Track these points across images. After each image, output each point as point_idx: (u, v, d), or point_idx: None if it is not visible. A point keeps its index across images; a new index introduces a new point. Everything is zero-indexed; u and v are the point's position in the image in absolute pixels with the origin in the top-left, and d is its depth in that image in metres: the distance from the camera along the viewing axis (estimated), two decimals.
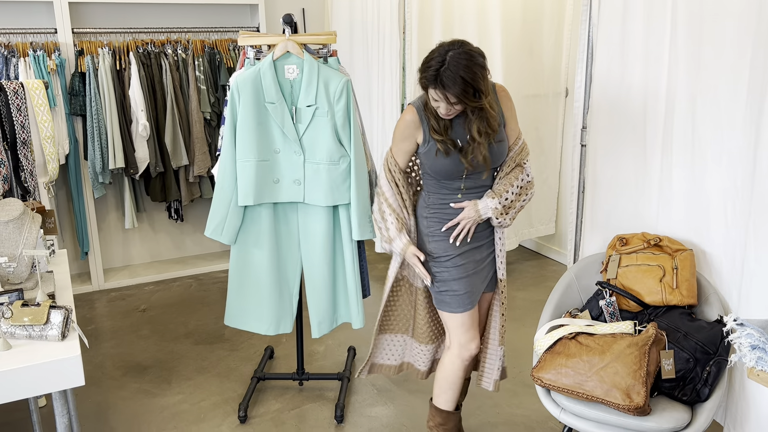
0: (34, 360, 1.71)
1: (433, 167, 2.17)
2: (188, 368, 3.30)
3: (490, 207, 2.20)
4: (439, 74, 1.95)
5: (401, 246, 2.24)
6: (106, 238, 4.58)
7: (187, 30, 4.40)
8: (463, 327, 2.28)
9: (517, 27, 4.18)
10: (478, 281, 2.30)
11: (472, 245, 2.26)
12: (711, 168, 2.32)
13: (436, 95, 2.01)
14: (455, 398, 2.39)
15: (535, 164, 4.53)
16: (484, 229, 2.28)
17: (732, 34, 2.17)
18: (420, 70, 2.03)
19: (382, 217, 2.27)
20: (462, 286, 2.24)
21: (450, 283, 2.25)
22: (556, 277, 4.26)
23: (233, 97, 2.53)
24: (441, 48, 1.99)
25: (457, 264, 2.24)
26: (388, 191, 2.25)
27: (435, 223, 2.25)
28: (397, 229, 2.23)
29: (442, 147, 2.12)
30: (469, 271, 2.25)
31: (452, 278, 2.24)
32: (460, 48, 1.97)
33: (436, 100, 2.03)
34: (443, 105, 2.03)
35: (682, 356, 2.11)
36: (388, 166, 2.24)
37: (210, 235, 2.66)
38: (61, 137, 3.98)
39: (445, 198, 2.23)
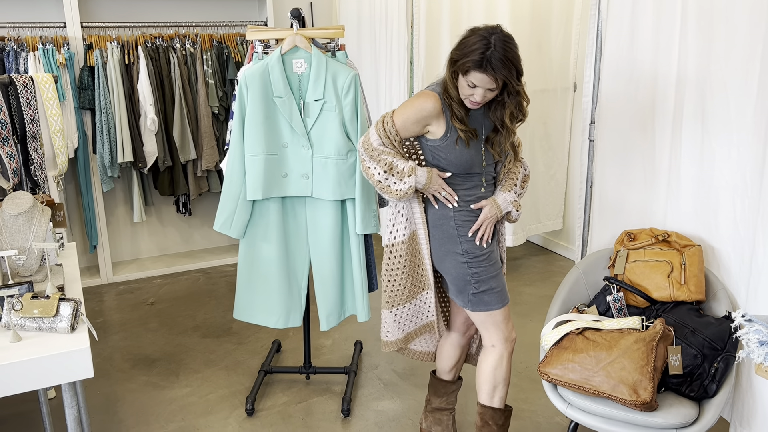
0: (43, 352, 1.72)
1: (457, 159, 2.11)
2: (196, 361, 3.32)
3: (509, 201, 2.19)
4: (486, 57, 1.91)
5: (425, 173, 2.08)
6: (114, 231, 4.60)
7: (196, 24, 4.41)
8: (505, 320, 2.22)
9: (526, 21, 4.16)
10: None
11: (494, 240, 2.25)
12: (720, 163, 2.30)
13: (476, 81, 1.95)
14: (506, 394, 2.32)
15: (543, 159, 4.52)
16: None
17: (743, 28, 2.15)
18: (458, 56, 1.96)
19: (386, 166, 2.10)
20: (498, 282, 2.20)
21: (489, 282, 2.17)
22: (564, 272, 4.25)
23: (241, 91, 2.53)
24: (480, 32, 1.95)
25: (492, 261, 2.19)
26: (382, 147, 2.12)
27: (462, 223, 2.17)
28: (407, 162, 2.10)
29: (464, 136, 2.07)
30: (498, 266, 2.23)
31: (490, 276, 2.17)
32: (501, 31, 1.96)
33: (472, 86, 1.97)
34: (480, 91, 1.97)
35: (690, 352, 2.11)
36: (386, 130, 2.11)
37: (219, 229, 2.67)
38: (70, 131, 4.00)
39: (468, 192, 2.18)
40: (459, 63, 1.97)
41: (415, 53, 4.03)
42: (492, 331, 2.23)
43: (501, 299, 2.19)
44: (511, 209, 2.20)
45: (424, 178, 2.09)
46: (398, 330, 2.36)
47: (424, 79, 4.03)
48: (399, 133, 2.11)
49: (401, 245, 2.23)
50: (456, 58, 1.99)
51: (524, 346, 3.38)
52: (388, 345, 2.39)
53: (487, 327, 2.23)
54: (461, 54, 1.96)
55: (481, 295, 2.17)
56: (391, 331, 2.36)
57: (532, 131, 4.38)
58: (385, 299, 2.31)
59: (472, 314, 2.23)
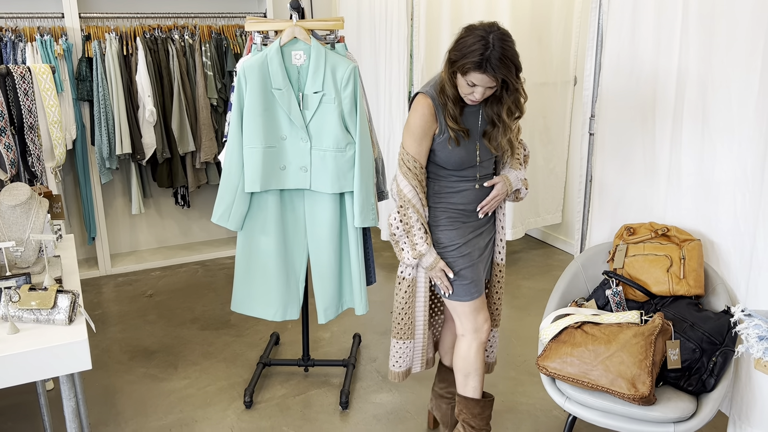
0: (41, 344, 1.72)
1: (450, 158, 2.12)
2: (194, 353, 3.32)
3: (520, 178, 2.26)
4: (485, 57, 1.91)
5: (431, 260, 2.18)
6: (113, 223, 4.60)
7: (194, 15, 4.39)
8: (474, 312, 2.26)
9: (527, 14, 4.15)
10: (482, 268, 2.29)
11: (476, 232, 2.25)
12: (721, 158, 2.30)
13: (476, 81, 1.95)
14: (482, 384, 2.34)
15: (543, 153, 4.51)
16: (479, 221, 2.26)
17: (745, 22, 2.14)
18: (456, 57, 1.95)
19: (406, 230, 2.16)
20: (469, 274, 2.23)
21: (459, 272, 2.23)
22: (563, 266, 4.25)
23: (240, 83, 2.52)
24: (477, 31, 1.93)
25: (463, 253, 2.22)
26: (411, 194, 2.13)
27: (441, 212, 2.21)
28: (427, 243, 2.16)
29: (454, 135, 2.08)
30: (474, 259, 2.24)
31: (459, 267, 2.22)
32: (498, 29, 1.94)
33: (471, 85, 1.97)
34: (479, 90, 1.98)
35: (689, 346, 2.11)
36: (411, 169, 2.12)
37: (216, 221, 2.66)
38: (68, 122, 3.99)
39: (459, 188, 2.19)
40: (458, 64, 1.96)
41: (414, 46, 4.01)
42: (462, 320, 2.29)
43: (469, 292, 2.23)
44: (520, 186, 2.27)
45: (428, 262, 2.19)
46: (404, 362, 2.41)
47: (423, 71, 4.01)
48: (418, 160, 2.13)
49: (404, 282, 2.30)
50: (455, 59, 1.97)
51: (522, 339, 3.38)
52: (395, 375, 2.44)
53: (457, 315, 2.29)
54: (460, 55, 1.95)
55: (451, 285, 2.24)
56: (398, 361, 2.41)
57: (532, 125, 4.37)
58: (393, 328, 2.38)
59: (444, 300, 2.31)
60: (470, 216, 2.23)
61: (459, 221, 2.21)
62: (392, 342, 2.37)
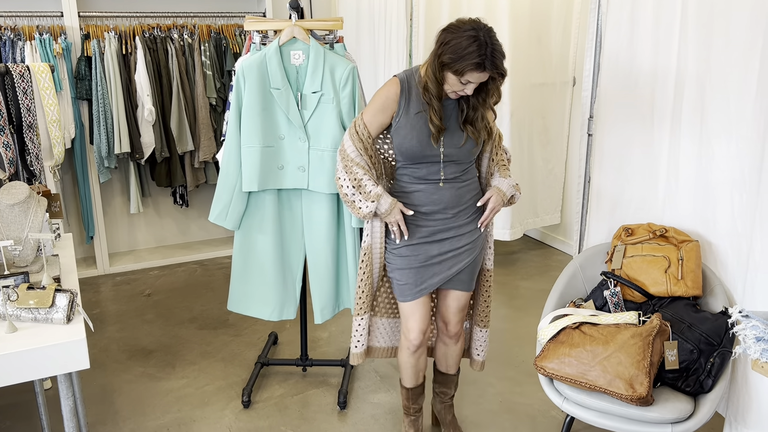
0: (39, 343, 1.72)
1: (401, 145, 2.14)
2: (192, 353, 3.32)
3: (511, 185, 2.24)
4: (485, 57, 1.92)
5: (389, 202, 2.14)
6: (111, 222, 4.59)
7: (194, 15, 4.38)
8: (404, 316, 2.31)
9: (526, 15, 4.15)
10: (428, 275, 2.23)
11: (430, 238, 2.21)
12: (719, 159, 2.30)
13: (472, 79, 1.97)
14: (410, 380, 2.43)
15: (542, 153, 4.51)
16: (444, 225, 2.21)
17: (743, 23, 2.14)
18: (451, 60, 1.95)
19: (355, 182, 2.15)
20: (403, 277, 2.24)
21: (395, 273, 2.26)
22: (561, 266, 4.25)
23: (239, 82, 2.52)
24: (467, 32, 1.94)
25: (402, 255, 2.23)
26: (354, 154, 2.16)
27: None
28: (380, 187, 2.15)
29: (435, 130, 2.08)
30: (413, 264, 2.22)
31: (397, 267, 2.25)
32: (484, 26, 1.97)
33: (464, 83, 1.99)
34: (472, 86, 2.01)
35: (686, 347, 2.11)
36: (358, 133, 2.16)
37: (214, 220, 2.66)
38: (67, 121, 3.98)
39: (413, 188, 2.19)
40: (455, 66, 1.95)
41: (414, 46, 4.01)
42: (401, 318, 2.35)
43: (402, 293, 2.26)
44: (514, 192, 2.25)
45: (384, 207, 2.14)
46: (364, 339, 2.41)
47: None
48: (368, 128, 2.16)
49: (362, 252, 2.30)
50: (449, 62, 1.96)
51: (521, 340, 3.38)
52: (355, 357, 2.43)
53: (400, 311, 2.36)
54: (456, 57, 1.94)
55: (392, 281, 2.31)
56: (360, 340, 2.40)
57: (530, 125, 4.37)
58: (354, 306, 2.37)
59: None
60: (428, 219, 2.19)
61: (412, 224, 2.20)
62: (353, 322, 2.37)
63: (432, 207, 2.18)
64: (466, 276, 2.29)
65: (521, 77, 4.18)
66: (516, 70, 4.11)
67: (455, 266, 2.24)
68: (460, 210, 2.21)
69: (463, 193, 2.20)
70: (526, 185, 4.44)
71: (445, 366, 2.50)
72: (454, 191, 2.18)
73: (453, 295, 2.32)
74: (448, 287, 2.30)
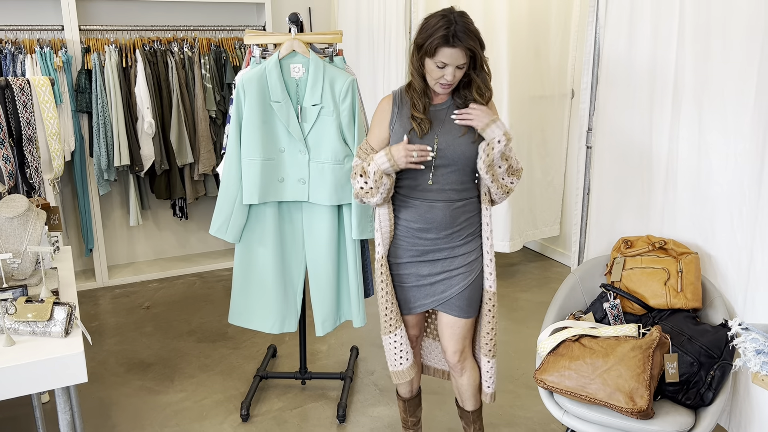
0: (37, 356, 1.71)
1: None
2: (191, 366, 3.31)
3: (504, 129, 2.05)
4: (452, 31, 1.94)
5: (382, 154, 2.03)
6: (110, 235, 4.59)
7: (194, 28, 4.41)
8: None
9: (524, 28, 4.17)
10: (421, 296, 2.21)
11: (422, 257, 2.17)
12: (717, 171, 2.31)
13: (445, 58, 1.97)
14: (405, 387, 2.43)
15: (540, 165, 4.52)
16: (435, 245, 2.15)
17: (740, 37, 2.16)
18: (422, 39, 1.98)
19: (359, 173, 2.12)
20: (397, 293, 2.23)
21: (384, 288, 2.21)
22: (560, 278, 4.25)
23: (239, 95, 2.53)
24: (437, 14, 2.00)
25: (394, 272, 2.21)
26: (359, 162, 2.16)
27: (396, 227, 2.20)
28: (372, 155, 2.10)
29: (417, 126, 2.06)
30: (405, 282, 2.21)
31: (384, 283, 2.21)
32: (456, 9, 2.01)
33: (441, 66, 1.99)
34: (450, 70, 1.98)
35: (687, 360, 2.10)
36: (362, 148, 2.17)
37: (214, 233, 2.66)
38: (67, 134, 3.99)
39: (408, 203, 2.15)
40: (425, 45, 1.98)
41: None
42: None
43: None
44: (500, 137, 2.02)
45: (383, 158, 2.03)
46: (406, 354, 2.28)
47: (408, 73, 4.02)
48: (369, 143, 2.17)
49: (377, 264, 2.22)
50: (421, 42, 1.99)
51: (520, 352, 3.37)
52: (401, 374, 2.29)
53: None
54: (426, 35, 1.98)
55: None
56: (400, 356, 2.27)
57: (529, 137, 4.38)
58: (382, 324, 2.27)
59: None
60: (420, 237, 2.15)
61: (406, 239, 2.18)
62: (384, 342, 2.26)
63: (424, 225, 2.13)
64: (462, 302, 2.18)
65: (520, 90, 4.20)
66: (514, 82, 4.13)
67: (448, 289, 2.17)
68: (454, 231, 2.14)
69: (458, 214, 2.14)
70: (525, 197, 4.45)
71: (461, 399, 2.40)
72: (448, 211, 2.12)
73: (447, 321, 2.22)
74: (443, 311, 2.21)
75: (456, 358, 2.26)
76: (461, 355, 2.27)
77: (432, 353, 2.50)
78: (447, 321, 2.22)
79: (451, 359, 2.27)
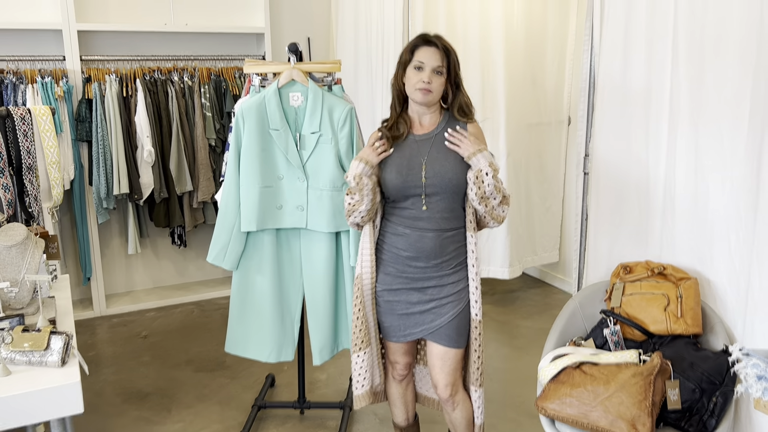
0: (32, 387, 1.70)
1: (384, 178, 2.16)
2: (189, 396, 3.27)
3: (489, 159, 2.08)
4: (427, 34, 2.12)
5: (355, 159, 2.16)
6: (108, 263, 4.58)
7: (194, 58, 4.46)
8: (390, 350, 2.32)
9: (520, 56, 4.22)
10: (410, 324, 2.21)
11: (410, 285, 2.19)
12: (714, 196, 2.31)
13: (422, 57, 2.08)
14: (401, 414, 2.43)
15: (539, 191, 4.54)
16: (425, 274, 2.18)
17: (733, 62, 2.18)
18: (403, 51, 2.15)
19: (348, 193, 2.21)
20: (387, 320, 2.25)
21: (378, 315, 2.26)
22: (560, 305, 4.22)
23: (238, 123, 2.55)
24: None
25: (385, 299, 2.23)
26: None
27: (379, 252, 2.24)
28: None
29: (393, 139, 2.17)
30: (395, 310, 2.22)
31: (378, 310, 2.25)
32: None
33: (419, 68, 2.08)
34: (428, 71, 2.07)
35: (688, 386, 2.09)
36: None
37: (212, 261, 2.65)
38: (67, 163, 4.01)
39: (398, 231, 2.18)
40: (405, 55, 2.12)
41: None
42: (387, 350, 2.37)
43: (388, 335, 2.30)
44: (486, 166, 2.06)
45: (355, 163, 2.16)
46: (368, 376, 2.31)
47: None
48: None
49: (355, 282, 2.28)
50: (401, 55, 2.15)
51: (521, 380, 3.34)
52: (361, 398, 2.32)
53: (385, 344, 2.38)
54: (404, 49, 2.15)
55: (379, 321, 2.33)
56: (360, 380, 2.30)
57: (527, 164, 4.41)
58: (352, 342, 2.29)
59: None
60: (410, 265, 2.17)
61: (395, 266, 2.19)
62: (353, 360, 2.28)
63: (414, 253, 2.16)
64: (452, 331, 2.18)
65: (517, 117, 4.24)
66: (511, 110, 4.16)
67: (438, 318, 2.18)
68: (443, 260, 2.16)
69: (447, 244, 2.16)
70: (524, 223, 4.45)
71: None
72: (438, 240, 2.14)
73: (437, 352, 2.21)
74: (433, 340, 2.21)
75: (447, 392, 2.23)
76: (453, 388, 2.24)
77: (425, 381, 2.48)
78: (437, 352, 2.21)
79: (443, 393, 2.24)
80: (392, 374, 2.36)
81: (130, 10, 4.37)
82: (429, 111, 2.18)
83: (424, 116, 2.19)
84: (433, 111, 2.19)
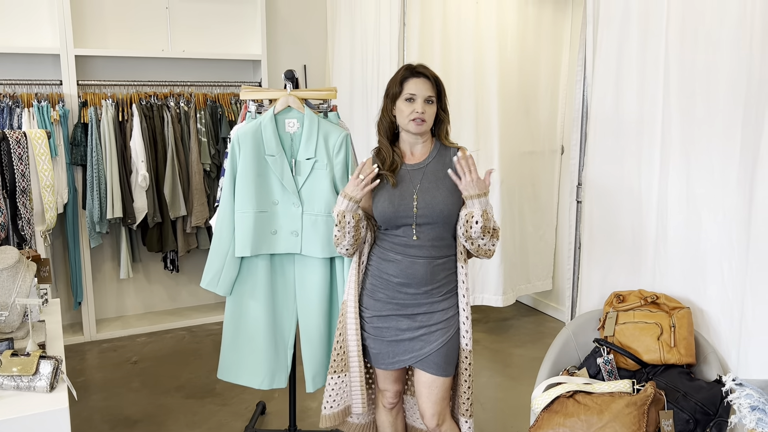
0: (19, 412, 1.67)
1: (376, 206, 2.18)
2: (178, 423, 3.23)
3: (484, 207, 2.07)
4: (411, 66, 2.15)
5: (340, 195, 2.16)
6: (100, 287, 4.54)
7: (191, 84, 4.49)
8: (380, 378, 2.31)
9: (514, 86, 4.28)
10: (400, 351, 2.20)
11: (400, 311, 2.18)
12: (706, 225, 2.33)
13: (413, 88, 2.10)
14: None
15: (532, 220, 4.56)
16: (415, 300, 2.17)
17: (723, 92, 2.22)
18: (389, 85, 2.17)
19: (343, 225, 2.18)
20: (376, 347, 2.24)
21: (368, 341, 2.26)
22: (554, 333, 4.21)
23: (234, 149, 2.56)
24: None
25: (374, 325, 2.23)
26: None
27: (369, 278, 2.25)
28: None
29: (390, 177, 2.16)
30: (385, 336, 2.21)
31: (368, 336, 2.25)
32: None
33: (410, 99, 2.10)
34: (420, 101, 2.09)
35: (682, 417, 2.08)
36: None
37: (206, 286, 2.64)
38: (61, 186, 4.00)
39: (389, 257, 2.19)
40: (393, 89, 2.15)
41: None
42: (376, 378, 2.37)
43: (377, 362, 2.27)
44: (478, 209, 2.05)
45: (340, 199, 2.17)
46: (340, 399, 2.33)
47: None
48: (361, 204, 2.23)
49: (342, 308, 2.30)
50: (388, 88, 2.17)
51: (515, 409, 3.31)
52: (327, 419, 2.33)
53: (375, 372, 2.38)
54: (391, 82, 2.17)
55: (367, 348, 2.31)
56: (330, 401, 2.32)
57: (520, 192, 4.43)
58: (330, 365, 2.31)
59: None
60: (400, 291, 2.17)
61: (385, 292, 2.20)
62: (327, 381, 2.31)
63: (405, 279, 2.16)
64: (440, 359, 2.16)
65: (510, 146, 4.27)
66: (505, 139, 4.20)
67: (427, 346, 2.17)
68: (434, 287, 2.17)
69: (438, 271, 2.16)
70: (517, 251, 4.46)
71: None
72: (429, 267, 2.15)
73: (425, 380, 2.19)
74: (421, 368, 2.19)
75: (434, 421, 2.21)
76: (439, 417, 2.22)
77: (413, 410, 2.46)
78: (425, 380, 2.20)
79: (430, 423, 2.22)
80: (382, 402, 2.35)
81: (128, 35, 4.41)
82: (421, 140, 2.20)
83: (416, 146, 2.22)
84: (425, 140, 2.21)
